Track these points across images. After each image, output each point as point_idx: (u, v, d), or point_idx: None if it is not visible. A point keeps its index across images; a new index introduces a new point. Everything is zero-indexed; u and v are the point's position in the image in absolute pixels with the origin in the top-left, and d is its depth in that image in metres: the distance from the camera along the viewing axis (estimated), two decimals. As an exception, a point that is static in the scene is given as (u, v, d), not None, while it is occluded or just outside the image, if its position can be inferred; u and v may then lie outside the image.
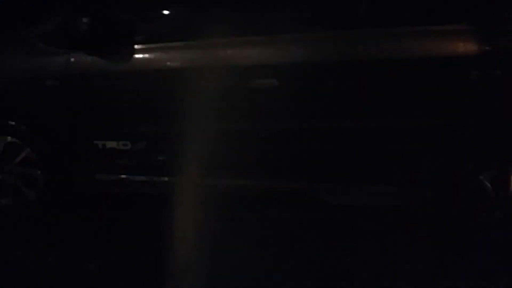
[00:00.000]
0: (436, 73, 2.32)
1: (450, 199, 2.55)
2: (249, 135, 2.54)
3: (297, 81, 2.42)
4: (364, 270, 2.36)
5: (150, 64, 2.55)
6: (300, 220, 2.72)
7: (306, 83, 2.42)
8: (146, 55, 2.56)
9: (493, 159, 2.47)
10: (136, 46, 2.56)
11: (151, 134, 2.67)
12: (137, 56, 2.55)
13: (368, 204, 2.62)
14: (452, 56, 2.28)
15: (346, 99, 2.43)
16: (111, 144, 2.72)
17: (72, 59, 2.59)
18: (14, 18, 3.10)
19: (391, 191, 2.57)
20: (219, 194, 2.65)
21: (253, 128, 2.53)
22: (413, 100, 2.38)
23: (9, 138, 2.82)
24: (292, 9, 2.49)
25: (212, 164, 2.57)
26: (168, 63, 2.55)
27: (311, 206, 2.72)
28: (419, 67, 2.33)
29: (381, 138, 2.46)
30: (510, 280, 2.27)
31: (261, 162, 2.60)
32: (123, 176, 2.83)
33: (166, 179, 2.76)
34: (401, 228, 2.60)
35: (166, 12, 2.69)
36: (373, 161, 2.52)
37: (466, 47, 2.27)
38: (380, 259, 2.43)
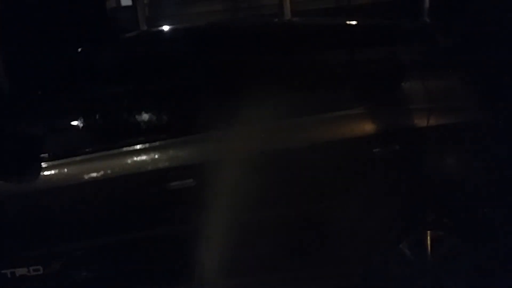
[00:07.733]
0: (343, 154, 2.48)
1: (378, 272, 2.63)
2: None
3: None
4: None
5: (55, 181, 2.43)
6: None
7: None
8: (53, 171, 2.44)
9: (408, 227, 2.61)
10: (43, 163, 2.43)
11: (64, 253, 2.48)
12: (43, 173, 2.41)
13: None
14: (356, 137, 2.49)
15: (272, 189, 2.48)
16: (21, 271, 2.48)
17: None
18: None
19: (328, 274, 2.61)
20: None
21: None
22: (328, 182, 2.49)
23: None
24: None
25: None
26: (76, 176, 2.44)
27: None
28: (329, 151, 2.48)
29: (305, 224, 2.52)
30: None
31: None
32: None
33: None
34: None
35: (74, 123, 2.63)
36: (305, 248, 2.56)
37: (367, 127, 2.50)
38: None
